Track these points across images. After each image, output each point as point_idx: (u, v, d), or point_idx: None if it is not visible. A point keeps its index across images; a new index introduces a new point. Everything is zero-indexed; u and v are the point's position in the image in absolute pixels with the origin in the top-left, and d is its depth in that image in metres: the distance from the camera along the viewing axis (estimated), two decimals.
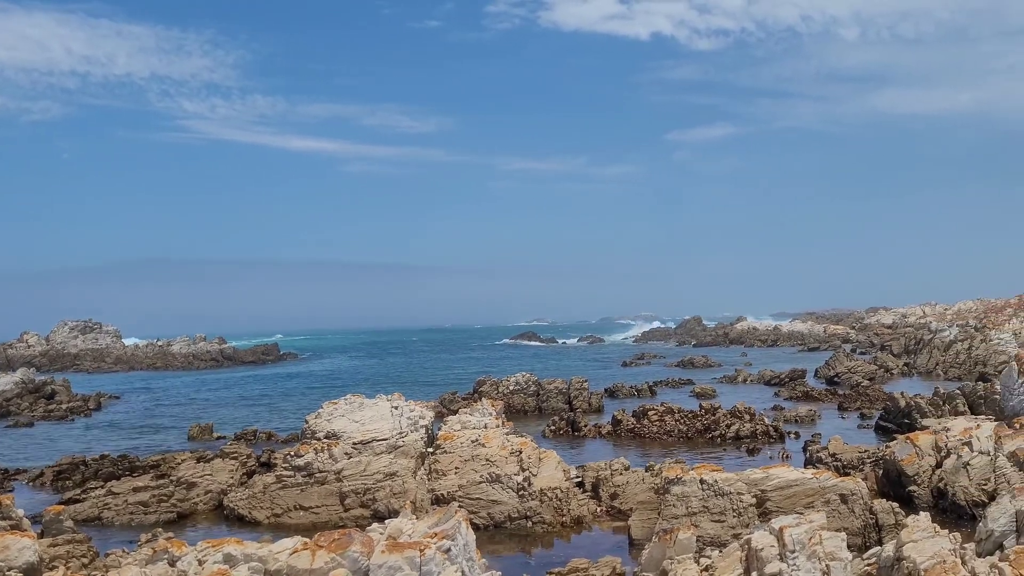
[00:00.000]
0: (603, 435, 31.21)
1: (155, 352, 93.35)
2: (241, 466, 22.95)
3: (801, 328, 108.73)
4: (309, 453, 19.96)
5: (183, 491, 20.92)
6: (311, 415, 22.67)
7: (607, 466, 20.79)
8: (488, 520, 18.36)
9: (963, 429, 19.54)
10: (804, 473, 16.78)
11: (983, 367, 49.34)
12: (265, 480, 20.15)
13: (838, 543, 10.04)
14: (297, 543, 9.96)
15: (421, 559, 9.41)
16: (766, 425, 29.73)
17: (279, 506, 19.46)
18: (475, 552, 10.54)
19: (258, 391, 56.51)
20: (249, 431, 32.88)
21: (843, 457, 22.10)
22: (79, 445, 32.55)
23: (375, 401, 22.67)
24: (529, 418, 37.19)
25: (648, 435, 30.28)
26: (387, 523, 10.63)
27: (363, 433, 20.81)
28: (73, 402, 47.60)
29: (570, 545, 17.25)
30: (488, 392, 39.00)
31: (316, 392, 52.06)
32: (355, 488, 19.47)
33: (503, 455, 19.67)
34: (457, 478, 19.33)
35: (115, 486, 21.04)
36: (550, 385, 39.99)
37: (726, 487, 15.88)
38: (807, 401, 39.49)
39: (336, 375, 72.60)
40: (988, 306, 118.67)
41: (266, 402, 48.63)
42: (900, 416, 29.58)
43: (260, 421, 37.69)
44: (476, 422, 22.12)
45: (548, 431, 31.93)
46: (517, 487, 18.78)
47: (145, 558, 10.73)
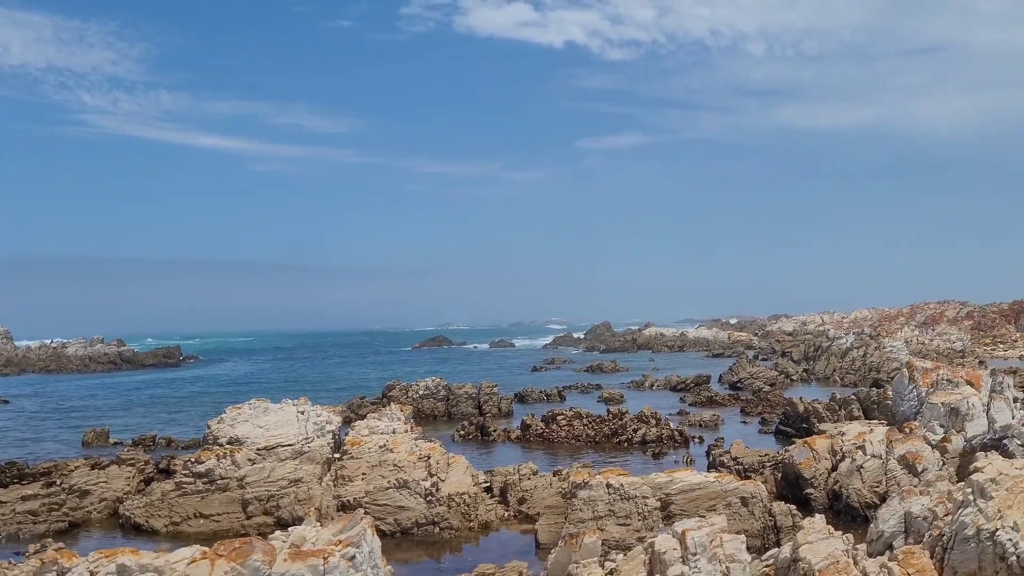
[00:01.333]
0: (512, 440, 31.30)
1: (48, 354, 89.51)
2: (139, 473, 22.18)
3: (707, 334, 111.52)
4: (211, 459, 19.42)
5: (76, 499, 20.08)
6: (213, 420, 22.08)
7: (515, 471, 20.84)
8: (395, 526, 18.19)
9: (857, 433, 20.30)
10: (707, 477, 17.16)
11: (877, 373, 51.48)
12: (164, 487, 19.52)
13: (738, 545, 10.28)
14: (196, 552, 9.66)
15: (325, 567, 9.24)
16: (672, 430, 30.29)
17: (178, 514, 18.87)
18: (380, 559, 10.42)
19: (158, 395, 54.73)
20: (148, 437, 31.81)
21: (745, 461, 22.69)
22: None
23: (280, 406, 22.23)
24: (439, 423, 37.05)
25: (557, 440, 30.51)
26: (290, 531, 10.41)
27: (268, 439, 20.39)
28: None
29: (478, 549, 17.24)
30: (397, 397, 38.69)
31: (219, 397, 50.72)
32: (258, 495, 19.03)
33: (411, 460, 19.53)
34: (364, 484, 19.09)
35: (2, 495, 20.04)
36: (460, 390, 39.92)
37: (632, 491, 16.11)
38: (711, 406, 40.44)
39: (241, 379, 70.92)
40: (882, 315, 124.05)
41: (167, 407, 47.12)
42: (799, 421, 30.55)
43: (160, 426, 36.49)
44: (384, 427, 21.92)
45: (457, 436, 31.87)
46: (425, 493, 18.66)
47: (33, 569, 10.23)
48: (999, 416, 20.64)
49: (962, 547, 9.54)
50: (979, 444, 19.49)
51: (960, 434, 20.54)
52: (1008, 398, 21.25)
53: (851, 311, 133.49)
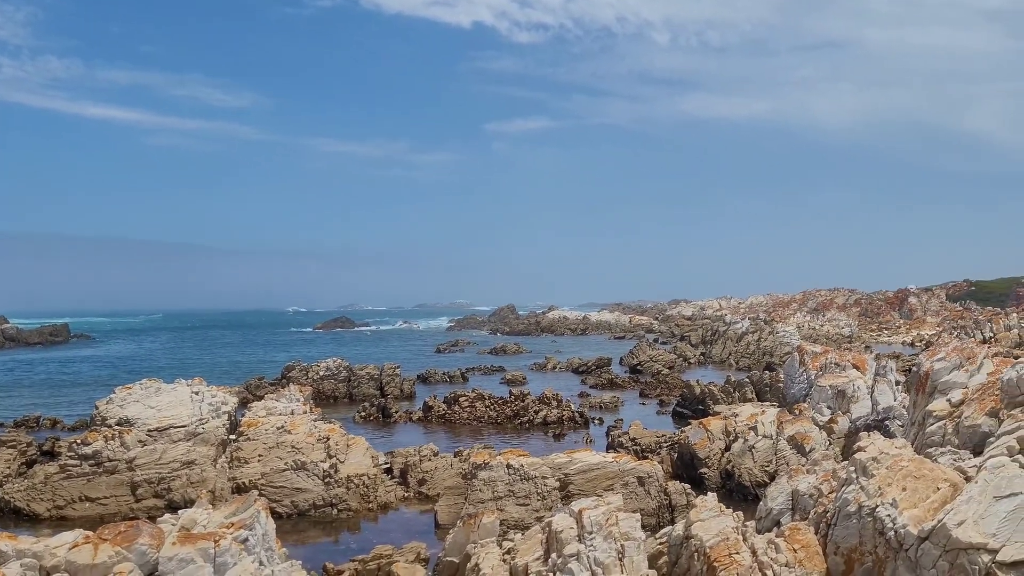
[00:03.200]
0: (414, 421, 31.19)
1: None
2: (20, 455, 21.19)
3: (608, 318, 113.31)
4: (98, 441, 18.69)
5: None
6: (102, 400, 21.27)
7: (416, 452, 20.77)
8: (292, 508, 17.90)
9: (750, 415, 20.96)
10: (605, 457, 17.44)
11: (770, 357, 53.28)
12: (47, 470, 18.69)
13: (633, 523, 10.46)
14: (78, 537, 9.27)
15: (216, 550, 8.99)
16: (572, 411, 30.68)
17: (62, 498, 18.12)
18: (275, 542, 10.21)
19: (43, 375, 52.41)
20: (31, 417, 30.46)
21: (642, 441, 23.16)
22: None
23: (174, 386, 21.57)
24: (340, 404, 36.61)
25: (459, 421, 30.54)
26: (180, 514, 10.09)
27: (159, 420, 19.74)
28: None
29: (377, 529, 17.12)
30: (297, 378, 38.03)
31: (109, 377, 48.92)
32: (148, 477, 18.43)
33: (310, 442, 19.23)
34: (260, 466, 18.70)
35: None
36: (362, 371, 39.51)
37: (531, 471, 16.24)
38: (612, 388, 41.15)
39: (133, 359, 68.54)
40: (776, 301, 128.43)
41: (52, 387, 45.16)
42: (695, 403, 31.37)
43: (44, 407, 34.96)
44: (283, 408, 21.52)
45: (359, 417, 31.56)
46: (323, 474, 18.41)
47: None
48: (882, 398, 21.64)
49: (845, 523, 9.93)
50: (863, 424, 20.38)
51: (846, 415, 21.46)
52: (891, 381, 22.30)
53: (747, 297, 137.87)
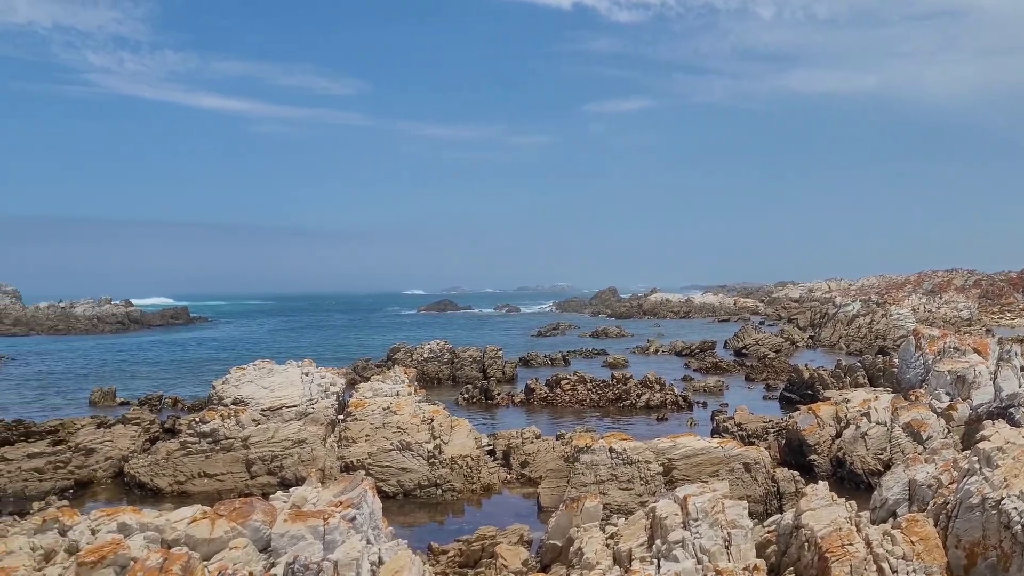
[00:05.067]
0: (516, 404, 31.35)
1: (57, 314, 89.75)
2: (144, 432, 22.28)
3: (712, 301, 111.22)
4: (215, 419, 19.47)
5: (81, 458, 20.16)
6: (219, 380, 22.09)
7: (518, 434, 20.87)
8: (398, 488, 18.25)
9: (862, 401, 20.24)
10: (710, 442, 17.13)
11: (883, 341, 51.35)
12: (169, 447, 19.58)
13: (740, 511, 10.24)
14: (196, 512, 9.66)
15: (325, 528, 9.23)
16: (675, 395, 30.29)
17: (183, 473, 18.96)
18: (381, 521, 10.41)
19: (165, 356, 54.95)
20: (154, 396, 31.93)
21: (748, 427, 22.68)
22: None
23: (285, 367, 22.22)
24: (443, 386, 37.12)
25: (560, 404, 30.56)
26: (291, 491, 10.40)
27: (272, 400, 20.39)
28: None
29: (480, 512, 17.28)
30: (402, 360, 38.74)
31: (225, 358, 50.92)
32: (262, 455, 19.10)
33: (414, 423, 19.55)
34: (367, 446, 19.13)
35: (8, 452, 20.13)
36: (464, 353, 39.93)
37: (634, 456, 16.10)
38: (716, 372, 40.44)
39: (246, 340, 71.15)
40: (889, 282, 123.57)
41: (173, 367, 47.33)
42: (804, 387, 30.52)
43: (166, 387, 36.66)
44: (388, 389, 21.93)
45: (461, 399, 31.92)
46: (427, 455, 18.70)
47: (34, 527, 10.26)
48: (1006, 385, 20.54)
49: (967, 515, 9.48)
50: (985, 412, 19.43)
51: (966, 402, 20.46)
52: (1015, 367, 21.13)
53: (858, 278, 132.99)
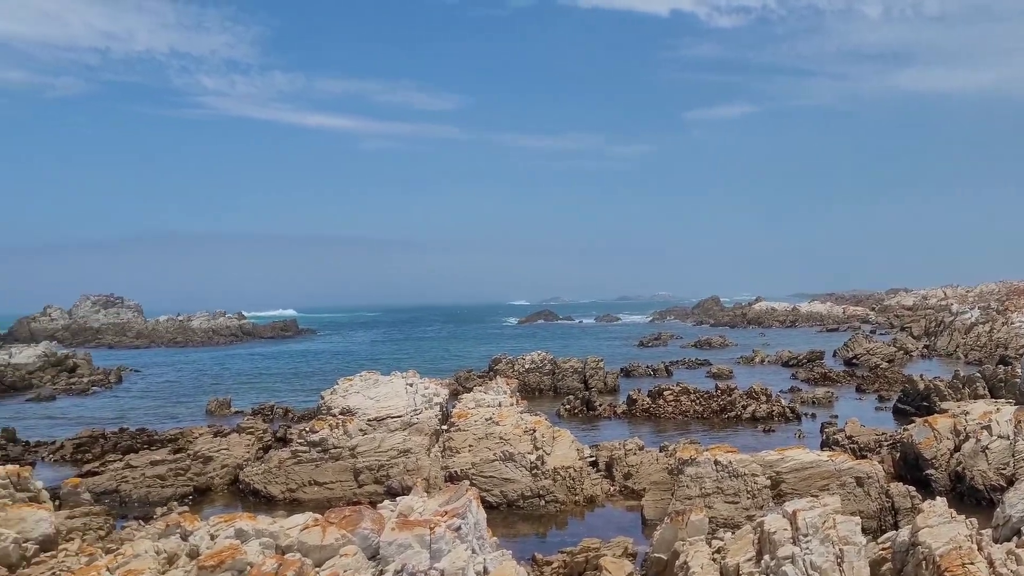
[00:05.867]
0: (618, 415, 31.16)
1: (175, 327, 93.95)
2: (257, 441, 23.09)
3: (820, 309, 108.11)
4: (324, 429, 20.03)
5: (200, 465, 21.06)
6: (327, 391, 22.73)
7: (621, 446, 20.75)
8: (501, 498, 18.38)
9: (982, 413, 19.34)
10: (820, 455, 16.66)
11: (1004, 350, 48.87)
12: (281, 455, 20.24)
13: (852, 527, 9.93)
14: (308, 519, 9.97)
15: (431, 537, 9.39)
16: (783, 406, 29.58)
17: (294, 481, 19.56)
18: (486, 531, 10.52)
19: (276, 367, 56.84)
20: (266, 406, 33.05)
21: (860, 439, 21.95)
22: (99, 418, 32.85)
23: (390, 378, 22.69)
24: (544, 397, 37.21)
25: (663, 415, 30.22)
26: (398, 500, 10.62)
27: (378, 410, 20.85)
28: (94, 376, 48.10)
29: (583, 524, 17.25)
30: (503, 370, 39.01)
31: (332, 368, 52.30)
32: (369, 464, 19.54)
33: (517, 433, 19.66)
34: (471, 456, 19.34)
35: (133, 459, 21.20)
36: (566, 364, 39.94)
37: (740, 468, 15.80)
38: (825, 383, 39.26)
39: (352, 352, 72.91)
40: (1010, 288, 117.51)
41: (283, 378, 48.92)
42: (919, 399, 29.35)
43: (277, 397, 37.91)
44: (491, 400, 22.12)
45: (563, 410, 31.92)
46: (530, 466, 18.78)
47: (158, 532, 10.78)
48: None
49: None
50: None
51: None
52: None
53: (976, 284, 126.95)
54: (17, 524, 11.06)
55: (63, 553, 11.12)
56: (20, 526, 11.09)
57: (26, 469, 14.22)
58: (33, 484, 13.99)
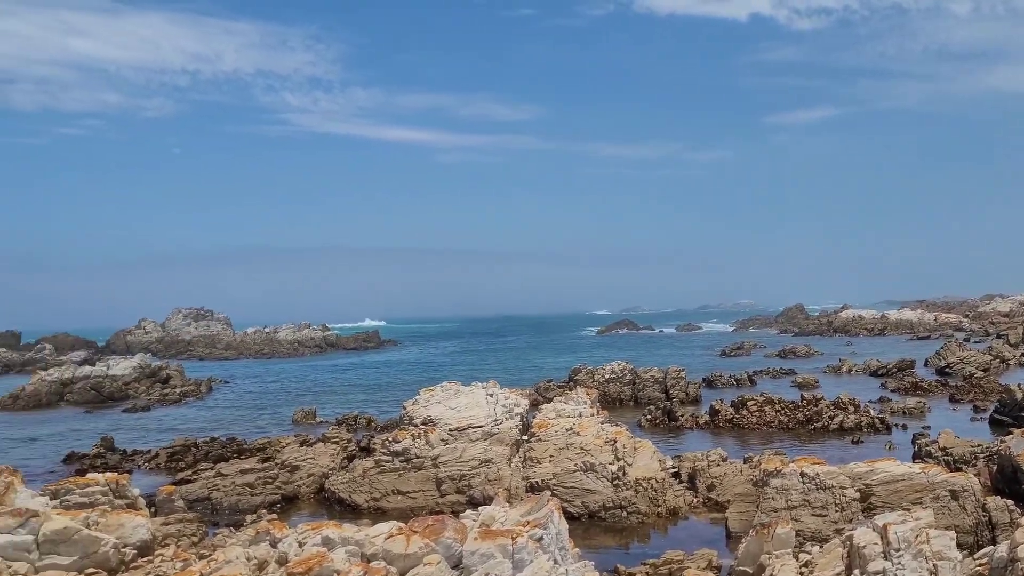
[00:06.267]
0: (700, 425, 30.74)
1: (263, 339, 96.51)
2: (342, 451, 23.52)
3: (910, 316, 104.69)
4: (407, 439, 20.29)
5: (287, 474, 21.57)
6: (408, 401, 23.02)
7: (704, 457, 20.48)
8: (582, 509, 18.32)
9: None
10: (912, 468, 16.14)
11: None
12: (365, 465, 20.59)
13: (947, 542, 9.62)
14: (393, 528, 10.13)
15: (513, 547, 9.44)
16: (872, 417, 28.76)
17: (378, 490, 19.86)
18: (568, 541, 10.52)
19: (358, 377, 57.85)
20: (350, 416, 33.63)
21: (954, 451, 21.19)
22: (191, 428, 33.96)
23: (470, 388, 22.87)
24: (625, 407, 36.96)
25: (747, 426, 29.70)
26: (480, 510, 10.71)
27: (459, 420, 21.03)
28: (186, 386, 49.72)
29: (666, 537, 17.07)
30: (583, 381, 38.89)
31: (413, 379, 52.95)
32: (451, 474, 19.71)
33: (598, 444, 19.58)
34: (551, 466, 19.34)
35: (224, 468, 21.86)
36: (646, 374, 39.60)
37: (828, 481, 15.42)
38: (916, 393, 38.00)
39: (432, 362, 73.67)
40: None
41: (365, 388, 49.75)
42: (1017, 409, 28.19)
43: (360, 407, 38.54)
44: (571, 410, 22.09)
45: (644, 421, 31.65)
46: (612, 476, 18.68)
47: (249, 539, 11.10)
48: None
49: None
50: None
51: None
52: None
53: None
54: (117, 530, 11.51)
55: (159, 558, 11.53)
56: (119, 532, 11.54)
57: (124, 477, 14.78)
58: (130, 491, 14.53)
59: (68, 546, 10.70)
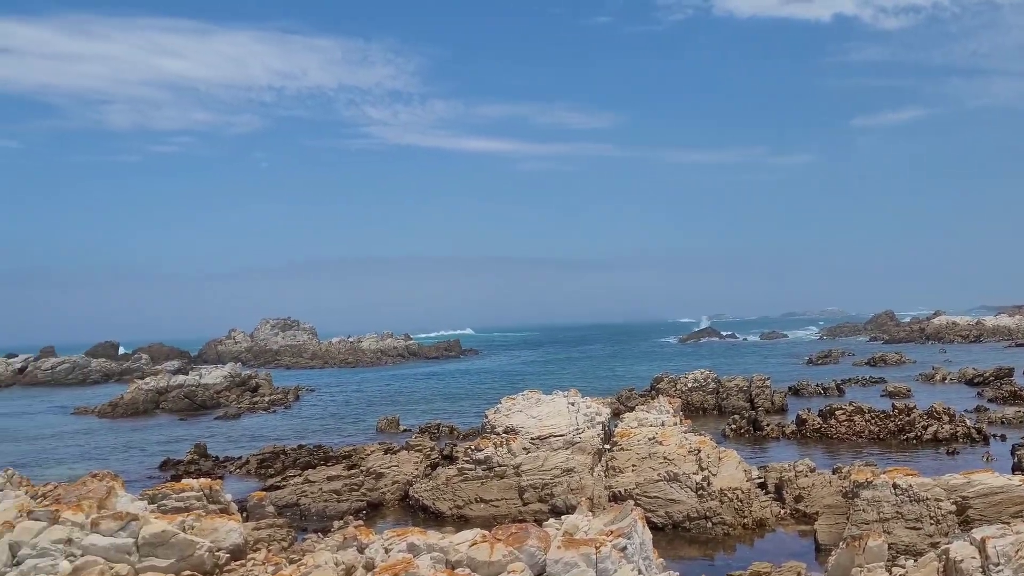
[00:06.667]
0: (787, 435, 30.11)
1: (347, 348, 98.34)
2: (425, 458, 23.81)
3: (1008, 323, 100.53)
4: (489, 447, 20.42)
5: (372, 481, 21.94)
6: (490, 410, 23.15)
7: (791, 467, 20.06)
8: (666, 519, 18.14)
9: None
10: (1011, 479, 15.50)
11: None
12: (448, 473, 20.78)
13: None
14: (477, 535, 10.21)
15: (597, 556, 9.42)
16: (968, 427, 27.71)
17: (461, 498, 20.03)
18: (652, 552, 10.44)
19: (440, 386, 58.42)
20: (432, 425, 33.99)
21: None
22: (279, 435, 34.82)
23: (552, 397, 22.88)
24: (708, 417, 36.44)
25: (835, 436, 28.95)
26: (563, 519, 10.71)
27: (540, 428, 21.05)
28: (274, 395, 51.02)
29: (752, 549, 16.76)
30: (665, 389, 38.50)
31: (493, 387, 53.21)
32: (533, 483, 19.74)
33: (681, 453, 19.37)
34: (634, 476, 19.21)
35: (311, 475, 22.35)
36: (730, 383, 38.98)
37: (922, 493, 14.93)
38: (1015, 402, 36.45)
39: (514, 371, 73.89)
40: None
41: (447, 397, 50.19)
42: None
43: (441, 415, 38.93)
44: (653, 419, 21.92)
45: (728, 430, 31.15)
46: (696, 486, 18.44)
47: (336, 544, 11.33)
48: None
49: None
50: None
51: None
52: None
53: None
54: (211, 534, 11.87)
55: (251, 562, 11.85)
56: (213, 535, 11.90)
57: (217, 482, 15.23)
58: (223, 497, 14.96)
59: (166, 549, 11.08)
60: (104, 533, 10.91)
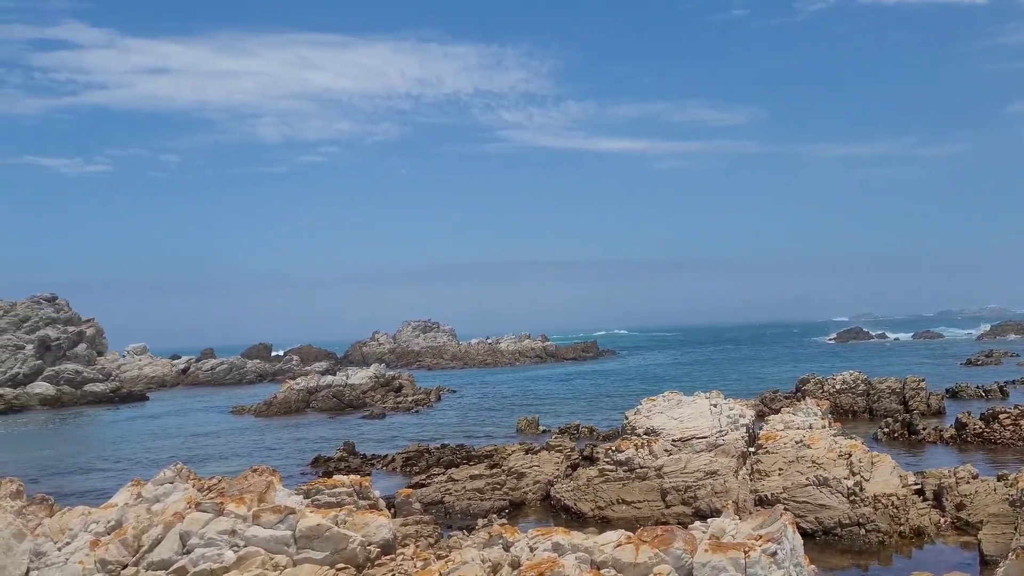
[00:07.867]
0: (944, 440, 28.53)
1: (485, 349, 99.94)
2: (565, 459, 23.89)
3: None
4: (629, 449, 20.30)
5: (514, 480, 22.20)
6: (630, 411, 23.02)
7: (951, 473, 19.00)
8: (816, 525, 17.52)
9: None
10: None
11: None
12: (588, 473, 20.79)
13: None
14: (621, 537, 10.19)
15: (746, 561, 9.22)
16: None
17: (602, 499, 19.99)
18: (803, 558, 10.14)
19: (578, 386, 58.45)
20: (572, 425, 34.04)
21: None
22: (423, 434, 35.73)
23: (693, 398, 22.55)
24: (858, 420, 34.98)
25: (999, 441, 27.22)
26: (709, 522, 10.55)
27: (682, 430, 20.77)
28: (417, 395, 52.39)
29: (910, 560, 15.97)
30: (812, 391, 37.20)
31: (633, 388, 52.81)
32: (675, 485, 19.49)
33: (831, 457, 18.70)
34: (781, 479, 18.67)
35: (455, 473, 22.83)
36: (881, 384, 37.26)
37: None
38: None
39: (652, 372, 73.13)
40: None
41: (585, 397, 50.17)
42: None
43: (580, 416, 38.95)
44: (800, 422, 21.27)
45: (880, 434, 29.79)
46: (847, 492, 17.74)
47: (482, 541, 11.55)
48: None
49: None
50: None
51: None
52: None
53: None
54: (362, 528, 12.32)
55: (400, 557, 12.23)
56: (365, 530, 12.34)
57: (366, 479, 15.77)
58: (372, 493, 15.48)
59: (321, 542, 11.59)
60: (265, 525, 11.52)
